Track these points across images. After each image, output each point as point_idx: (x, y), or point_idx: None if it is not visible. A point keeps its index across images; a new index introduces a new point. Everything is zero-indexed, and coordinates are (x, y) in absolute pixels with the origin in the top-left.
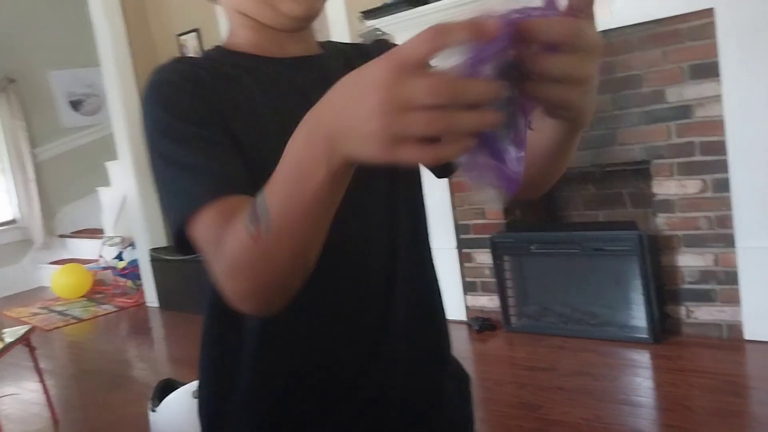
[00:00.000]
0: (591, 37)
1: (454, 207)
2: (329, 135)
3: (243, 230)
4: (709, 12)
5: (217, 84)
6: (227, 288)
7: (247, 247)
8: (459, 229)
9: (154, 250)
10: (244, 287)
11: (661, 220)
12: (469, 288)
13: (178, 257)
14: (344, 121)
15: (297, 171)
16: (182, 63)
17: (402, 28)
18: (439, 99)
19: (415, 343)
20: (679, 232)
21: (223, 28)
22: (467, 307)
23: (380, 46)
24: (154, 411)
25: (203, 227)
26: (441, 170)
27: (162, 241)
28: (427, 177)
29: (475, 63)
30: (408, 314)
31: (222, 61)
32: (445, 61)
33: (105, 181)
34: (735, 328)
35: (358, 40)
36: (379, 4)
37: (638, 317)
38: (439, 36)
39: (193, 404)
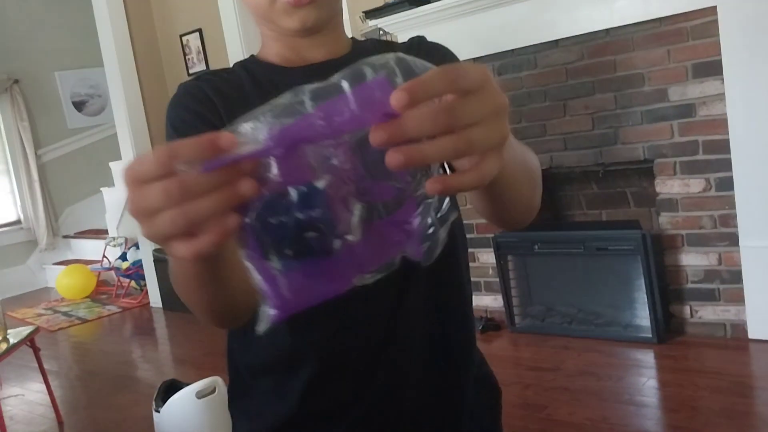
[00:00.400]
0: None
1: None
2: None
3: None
4: (712, 10)
5: (222, 98)
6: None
7: (177, 277)
8: None
9: (157, 250)
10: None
11: (665, 219)
12: (472, 288)
13: None
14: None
15: None
16: (199, 80)
17: (404, 27)
18: (170, 197)
19: (431, 333)
20: (683, 232)
21: (225, 28)
22: None
23: (414, 43)
24: (158, 411)
25: None
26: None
27: None
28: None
29: (214, 166)
30: (425, 303)
31: (242, 73)
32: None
33: (109, 182)
34: (739, 328)
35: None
36: (381, 4)
37: (642, 317)
38: (164, 156)
39: (197, 404)
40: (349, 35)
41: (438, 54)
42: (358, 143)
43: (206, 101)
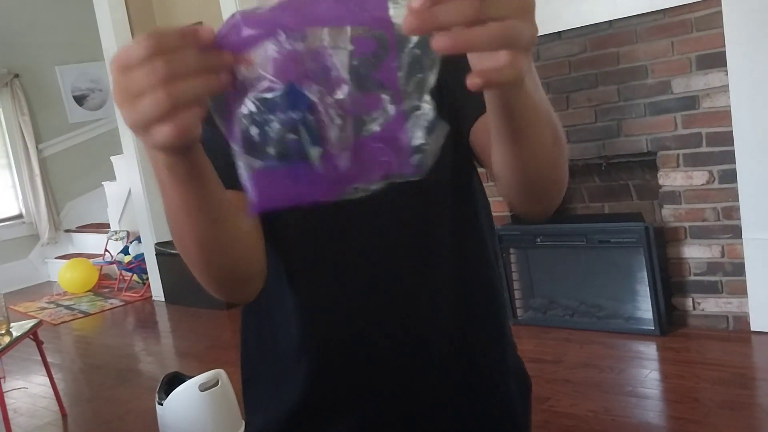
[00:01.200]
0: None
1: None
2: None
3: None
4: (716, 1)
5: None
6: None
7: (171, 219)
8: None
9: (159, 244)
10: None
11: (668, 212)
12: None
13: None
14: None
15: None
16: None
17: None
18: (156, 75)
19: (457, 313)
20: (686, 224)
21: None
22: None
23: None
24: (161, 404)
25: None
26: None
27: (168, 235)
28: None
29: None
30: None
31: None
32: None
33: (110, 176)
34: (742, 320)
35: None
36: None
37: (645, 309)
38: (151, 40)
39: (200, 397)
40: None
41: None
42: (350, 52)
43: None
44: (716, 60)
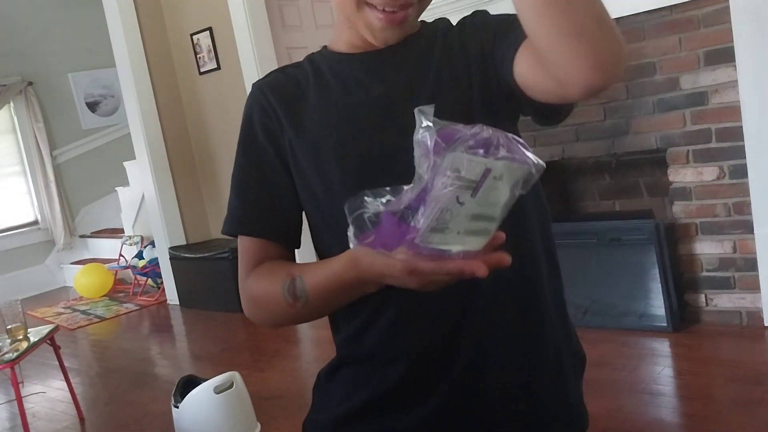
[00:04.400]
0: None
1: None
2: (377, 280)
3: (280, 295)
4: None
5: (282, 102)
6: (248, 312)
7: (280, 308)
8: None
9: (173, 248)
10: (262, 321)
11: (678, 208)
12: None
13: (198, 255)
14: (387, 280)
15: (343, 287)
16: (264, 86)
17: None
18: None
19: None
20: (697, 220)
21: (235, 26)
22: None
23: (473, 17)
24: (177, 407)
25: (240, 251)
26: (545, 117)
27: (181, 240)
28: None
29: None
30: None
31: (307, 66)
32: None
33: (123, 181)
34: (755, 315)
35: None
36: None
37: (657, 306)
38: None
39: (215, 399)
40: None
41: (468, 27)
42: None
43: (271, 112)
44: (724, 56)
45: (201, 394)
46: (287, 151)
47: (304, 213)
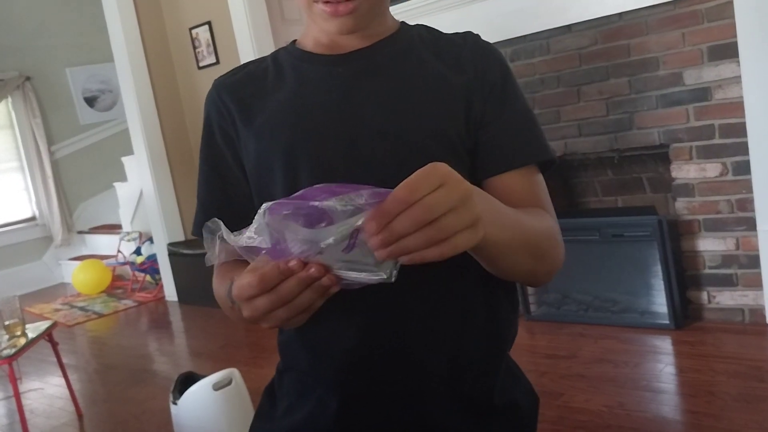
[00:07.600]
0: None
1: None
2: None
3: (224, 296)
4: None
5: (238, 103)
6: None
7: (225, 307)
8: None
9: (171, 244)
10: (232, 318)
11: (681, 205)
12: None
13: (197, 251)
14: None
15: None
16: (220, 86)
17: (417, 14)
18: (273, 304)
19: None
20: (700, 217)
21: (234, 20)
22: None
23: (468, 40)
24: (175, 404)
25: None
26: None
27: (180, 236)
28: None
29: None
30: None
31: (269, 63)
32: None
33: (122, 177)
34: (757, 312)
35: None
36: None
37: (659, 303)
38: (258, 283)
39: (214, 396)
40: None
41: (489, 59)
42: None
43: (226, 115)
44: (728, 51)
45: (200, 391)
46: (243, 153)
47: None
